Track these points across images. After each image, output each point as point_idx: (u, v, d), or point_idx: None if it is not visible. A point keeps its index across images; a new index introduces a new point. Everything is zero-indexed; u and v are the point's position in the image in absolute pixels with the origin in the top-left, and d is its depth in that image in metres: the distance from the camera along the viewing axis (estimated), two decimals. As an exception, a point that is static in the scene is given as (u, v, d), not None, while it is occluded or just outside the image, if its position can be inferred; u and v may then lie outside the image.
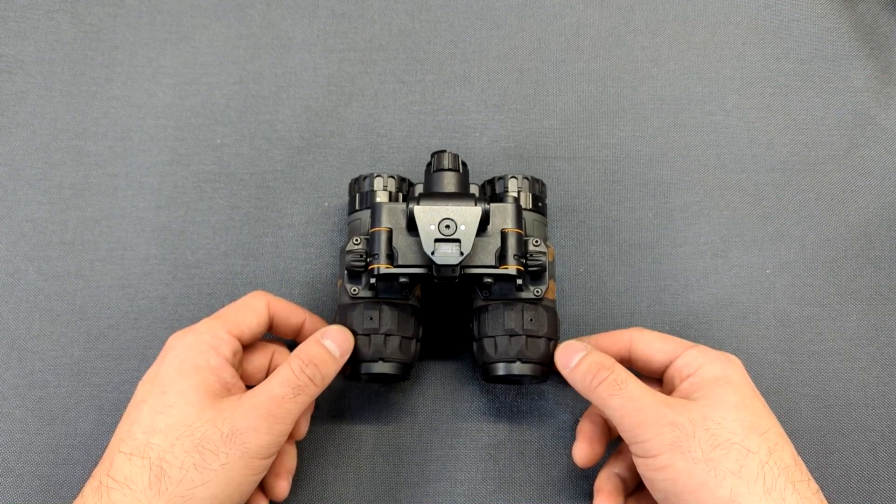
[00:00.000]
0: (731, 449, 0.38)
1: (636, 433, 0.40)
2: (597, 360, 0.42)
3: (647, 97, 0.56)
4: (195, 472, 0.38)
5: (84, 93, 0.54)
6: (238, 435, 0.39)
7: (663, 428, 0.39)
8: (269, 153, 0.54)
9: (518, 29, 0.57)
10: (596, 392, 0.41)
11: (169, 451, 0.38)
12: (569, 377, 0.43)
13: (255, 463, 0.39)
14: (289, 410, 0.40)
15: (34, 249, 0.51)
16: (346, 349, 0.43)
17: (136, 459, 0.38)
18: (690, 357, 0.43)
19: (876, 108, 0.56)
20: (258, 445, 0.39)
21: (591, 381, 0.41)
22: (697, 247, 0.53)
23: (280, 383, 0.40)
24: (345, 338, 0.43)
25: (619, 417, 0.40)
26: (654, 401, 0.40)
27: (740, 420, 0.39)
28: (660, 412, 0.39)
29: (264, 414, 0.39)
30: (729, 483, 0.37)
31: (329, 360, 0.42)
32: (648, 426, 0.39)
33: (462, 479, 0.48)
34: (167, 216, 0.52)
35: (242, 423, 0.39)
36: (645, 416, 0.40)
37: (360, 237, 0.45)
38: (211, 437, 0.38)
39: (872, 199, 0.54)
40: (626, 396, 0.40)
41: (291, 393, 0.40)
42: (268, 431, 0.39)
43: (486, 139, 0.54)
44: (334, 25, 0.57)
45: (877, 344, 0.51)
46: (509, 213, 0.45)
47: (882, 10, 0.58)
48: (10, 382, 0.49)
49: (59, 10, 0.56)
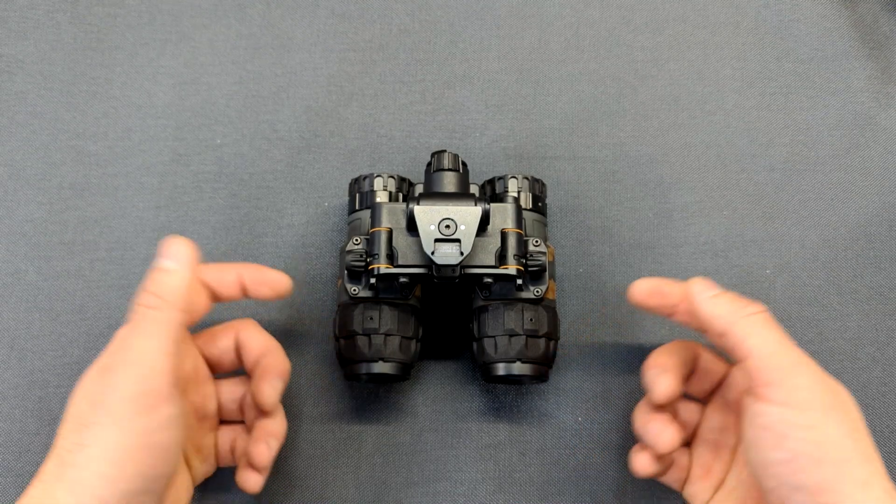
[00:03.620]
0: (861, 438, 0.37)
1: (789, 374, 0.36)
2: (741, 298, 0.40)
3: (647, 97, 0.56)
4: (79, 452, 0.35)
5: (84, 93, 0.54)
6: (101, 398, 0.36)
7: (820, 384, 0.36)
8: (269, 153, 0.54)
9: (518, 29, 0.57)
10: (749, 320, 0.38)
11: (63, 437, 0.36)
12: (709, 302, 0.40)
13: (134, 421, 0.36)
14: (145, 350, 0.36)
15: (34, 249, 0.51)
16: (180, 255, 0.39)
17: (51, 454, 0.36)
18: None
19: (876, 108, 0.56)
20: (122, 398, 0.36)
21: (745, 308, 0.39)
22: (697, 247, 0.53)
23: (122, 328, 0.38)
24: (178, 245, 0.39)
25: (773, 353, 0.37)
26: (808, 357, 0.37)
27: (861, 418, 0.38)
28: (817, 369, 0.37)
29: (121, 362, 0.37)
30: (869, 467, 0.36)
31: (161, 277, 0.38)
32: (808, 374, 0.36)
33: (462, 479, 0.48)
34: (167, 216, 0.52)
35: (107, 384, 0.37)
36: (805, 364, 0.37)
37: (360, 237, 0.45)
38: (82, 410, 0.37)
39: (872, 199, 0.54)
40: (782, 335, 0.37)
41: (132, 330, 0.37)
42: (135, 381, 0.36)
43: (486, 139, 0.54)
44: (334, 25, 0.57)
45: (877, 344, 0.51)
46: (509, 213, 0.45)
47: (882, 10, 0.58)
48: (10, 382, 0.49)
49: (59, 10, 0.56)
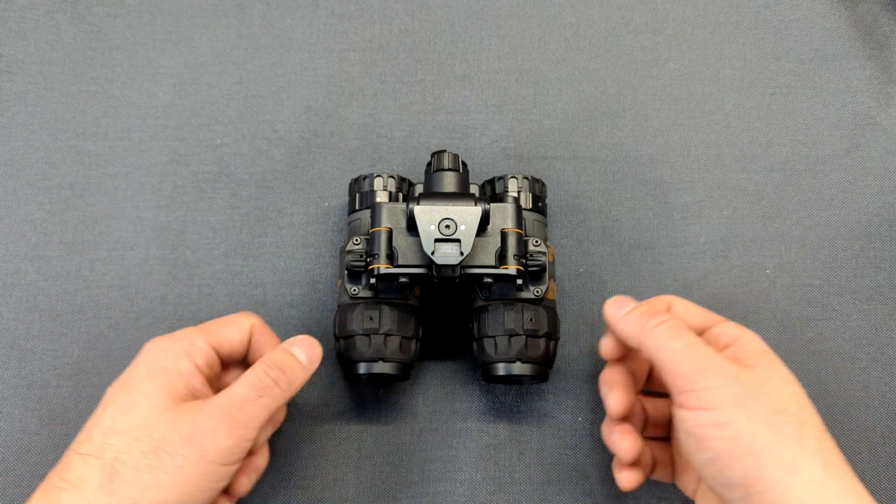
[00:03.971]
0: (791, 418, 0.37)
1: (695, 379, 0.37)
2: (653, 307, 0.41)
3: (647, 97, 0.56)
4: (149, 473, 0.36)
5: (84, 93, 0.54)
6: (197, 437, 0.37)
7: (727, 381, 0.37)
8: (269, 153, 0.54)
9: (518, 29, 0.57)
10: (654, 332, 0.39)
11: (125, 451, 0.37)
12: (620, 321, 0.42)
13: (213, 468, 0.37)
14: (252, 414, 0.39)
15: (34, 249, 0.51)
16: (313, 357, 0.42)
17: (91, 460, 0.37)
18: (728, 328, 0.41)
19: (876, 108, 0.56)
20: (217, 449, 0.37)
21: (648, 321, 0.40)
22: (697, 247, 0.53)
23: (243, 385, 0.39)
24: (312, 346, 0.42)
25: (677, 361, 0.38)
26: (715, 353, 0.38)
27: (793, 394, 0.38)
28: (723, 364, 0.38)
29: (225, 416, 0.38)
30: (793, 450, 0.36)
31: (295, 364, 0.41)
32: (712, 374, 0.37)
33: (462, 479, 0.48)
34: (167, 216, 0.52)
35: (203, 424, 0.37)
36: (708, 364, 0.38)
37: (360, 237, 0.45)
38: (169, 438, 0.37)
39: (872, 199, 0.54)
40: (686, 341, 0.39)
41: (254, 395, 0.39)
42: (228, 434, 0.38)
43: (486, 139, 0.54)
44: (334, 25, 0.57)
45: (877, 344, 0.51)
46: (509, 213, 0.45)
47: (882, 10, 0.58)
48: (10, 382, 0.49)
49: (59, 10, 0.56)
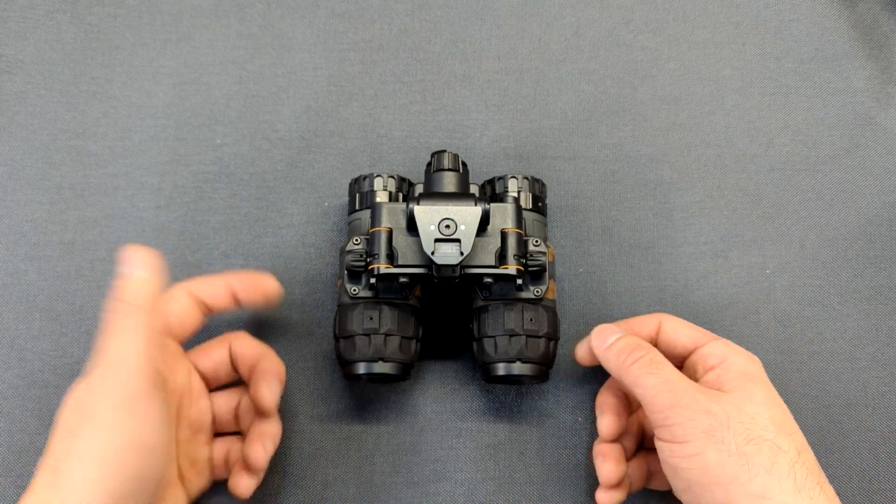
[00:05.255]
0: (763, 444, 0.38)
1: (667, 415, 0.39)
2: (633, 341, 0.43)
3: (647, 97, 0.56)
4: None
5: (84, 93, 0.54)
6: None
7: (697, 414, 0.38)
8: (269, 153, 0.54)
9: (518, 29, 0.57)
10: (630, 370, 0.41)
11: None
12: (602, 355, 0.44)
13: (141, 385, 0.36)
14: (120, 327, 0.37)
15: (34, 249, 0.51)
16: (143, 263, 0.39)
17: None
18: (716, 348, 0.43)
19: (876, 108, 0.56)
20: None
21: (626, 358, 0.42)
22: (697, 247, 0.53)
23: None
24: (139, 254, 0.39)
25: (652, 397, 0.40)
26: (688, 385, 0.40)
27: (771, 417, 0.39)
28: (694, 397, 0.39)
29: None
30: (762, 479, 0.37)
31: (128, 282, 0.39)
32: (682, 409, 0.39)
33: (462, 479, 0.48)
34: (167, 216, 0.52)
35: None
36: (678, 399, 0.39)
37: (360, 237, 0.45)
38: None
39: (872, 199, 0.54)
40: (661, 377, 0.40)
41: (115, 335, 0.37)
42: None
43: (486, 139, 0.54)
44: (334, 25, 0.57)
45: (877, 344, 0.51)
46: (509, 212, 0.45)
47: (882, 10, 0.58)
48: (10, 382, 0.49)
49: (59, 10, 0.56)
